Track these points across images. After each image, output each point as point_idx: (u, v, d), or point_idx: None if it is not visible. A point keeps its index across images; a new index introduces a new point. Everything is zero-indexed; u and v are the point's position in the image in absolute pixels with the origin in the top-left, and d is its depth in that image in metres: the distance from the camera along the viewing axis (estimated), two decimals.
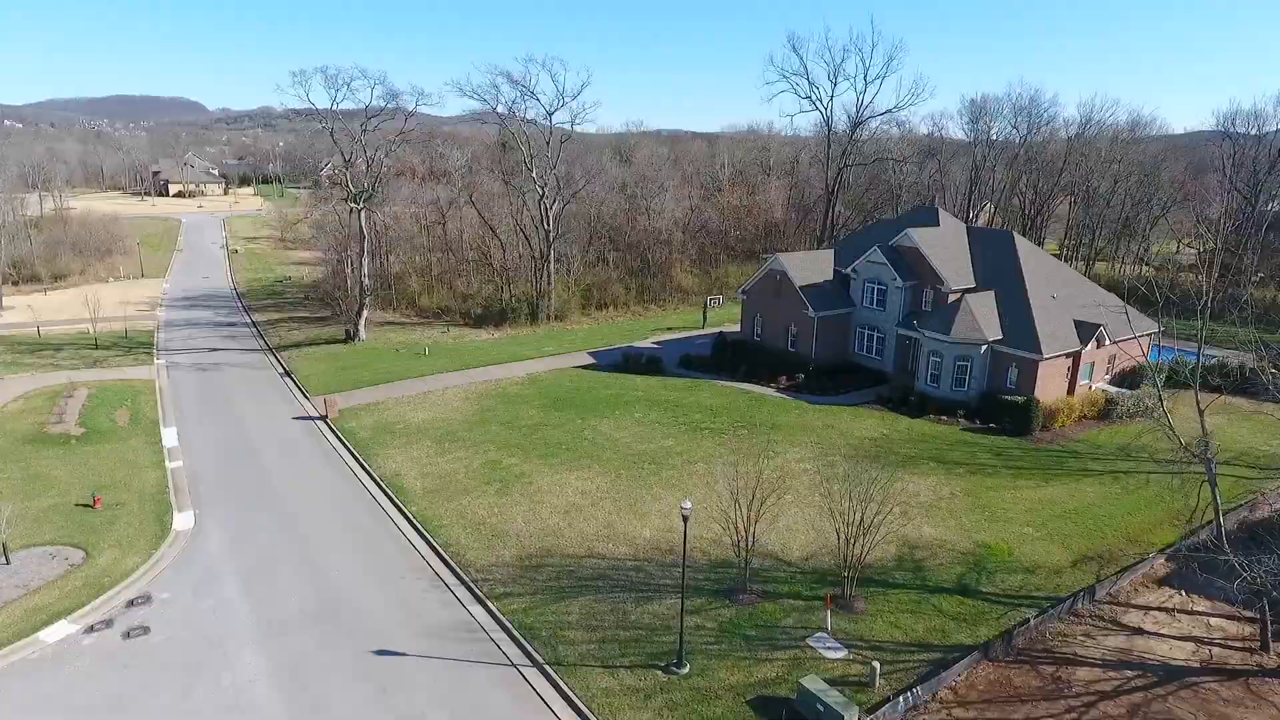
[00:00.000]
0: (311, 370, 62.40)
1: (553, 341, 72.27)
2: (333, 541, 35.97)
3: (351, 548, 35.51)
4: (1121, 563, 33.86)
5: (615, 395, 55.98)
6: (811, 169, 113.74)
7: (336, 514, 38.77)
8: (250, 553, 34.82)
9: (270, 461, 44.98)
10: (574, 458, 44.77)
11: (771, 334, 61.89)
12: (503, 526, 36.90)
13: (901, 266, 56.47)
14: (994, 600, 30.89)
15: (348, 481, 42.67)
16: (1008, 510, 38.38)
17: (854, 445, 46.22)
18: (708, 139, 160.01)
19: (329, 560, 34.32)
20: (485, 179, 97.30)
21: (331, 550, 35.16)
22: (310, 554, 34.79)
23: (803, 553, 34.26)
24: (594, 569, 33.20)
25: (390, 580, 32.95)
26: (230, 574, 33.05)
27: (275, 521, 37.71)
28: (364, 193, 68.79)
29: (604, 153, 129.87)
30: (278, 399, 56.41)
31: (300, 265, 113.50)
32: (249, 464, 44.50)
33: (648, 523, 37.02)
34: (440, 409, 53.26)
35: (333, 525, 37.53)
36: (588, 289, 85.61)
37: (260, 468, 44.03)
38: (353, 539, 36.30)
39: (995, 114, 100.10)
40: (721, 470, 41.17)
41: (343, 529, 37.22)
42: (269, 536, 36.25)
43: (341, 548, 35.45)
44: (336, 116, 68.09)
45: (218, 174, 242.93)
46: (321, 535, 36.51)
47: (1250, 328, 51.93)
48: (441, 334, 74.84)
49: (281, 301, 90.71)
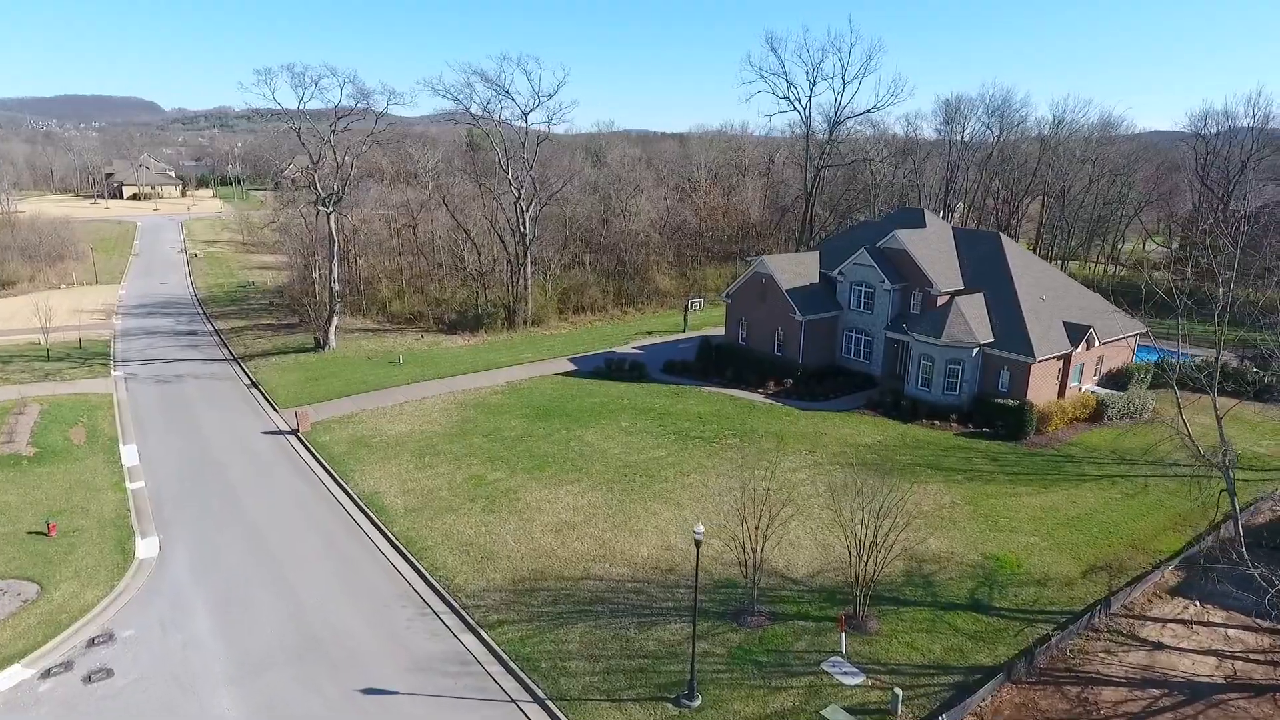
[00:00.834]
0: (280, 381, 59.75)
1: (531, 347, 70.33)
2: (310, 567, 33.81)
3: (330, 573, 33.39)
4: (1131, 572, 33.10)
5: (600, 403, 54.29)
6: (787, 169, 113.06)
7: (313, 536, 36.57)
8: (221, 581, 32.53)
9: (239, 480, 42.52)
10: (562, 471, 43.01)
11: (758, 338, 60.67)
12: (492, 547, 35.03)
13: (889, 269, 55.61)
14: (1009, 616, 29.85)
15: (323, 500, 40.43)
16: (1011, 519, 37.49)
17: (849, 453, 45.10)
18: (679, 139, 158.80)
19: (307, 588, 32.18)
20: (458, 180, 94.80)
21: (309, 577, 33.01)
22: (286, 581, 32.60)
23: (809, 569, 32.95)
24: (592, 592, 31.52)
25: (374, 609, 30.93)
26: (200, 606, 30.76)
27: (247, 546, 35.42)
28: (333, 195, 66.18)
29: (576, 153, 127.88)
30: (245, 412, 53.77)
31: (264, 270, 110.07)
32: (216, 483, 42.01)
33: (644, 540, 35.42)
34: (418, 420, 51.11)
35: (309, 549, 35.34)
36: (565, 293, 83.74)
37: (229, 487, 41.57)
38: (331, 564, 34.17)
39: (969, 114, 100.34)
40: (718, 484, 39.87)
41: (320, 553, 35.06)
42: (241, 563, 33.97)
43: (320, 573, 33.31)
44: (304, 117, 65.37)
45: (174, 176, 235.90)
46: (297, 560, 34.32)
47: (1254, 327, 51.74)
48: (415, 341, 72.47)
49: (245, 308, 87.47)
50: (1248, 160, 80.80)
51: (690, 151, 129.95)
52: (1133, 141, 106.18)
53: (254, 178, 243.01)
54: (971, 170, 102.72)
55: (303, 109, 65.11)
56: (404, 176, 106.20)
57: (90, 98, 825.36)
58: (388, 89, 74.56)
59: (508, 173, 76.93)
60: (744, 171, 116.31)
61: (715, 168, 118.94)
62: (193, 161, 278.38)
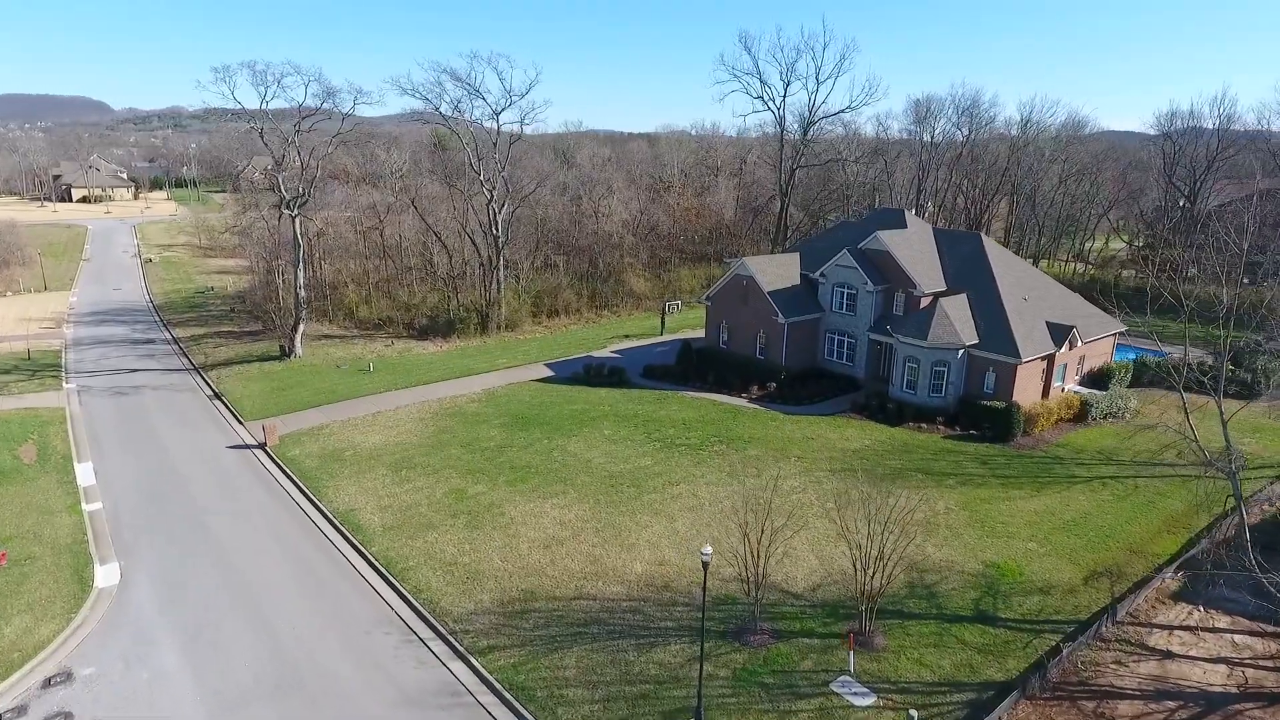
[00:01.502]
0: (245, 391, 57.29)
1: (506, 353, 68.58)
2: (285, 592, 31.94)
3: (307, 598, 31.56)
4: (1131, 577, 32.68)
5: (580, 410, 52.85)
6: (759, 169, 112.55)
7: (286, 558, 34.65)
8: (189, 611, 30.52)
9: (205, 499, 40.31)
10: (545, 482, 41.53)
11: (739, 341, 59.72)
12: (477, 566, 33.46)
13: (872, 270, 55.02)
14: (1016, 627, 29.15)
15: (296, 519, 38.44)
16: (1007, 524, 36.93)
17: (839, 459, 44.30)
18: (649, 139, 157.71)
19: (282, 615, 30.33)
20: (426, 181, 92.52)
21: (284, 603, 31.14)
22: (260, 608, 30.71)
23: (808, 582, 31.94)
24: (586, 612, 30.15)
25: (355, 636, 29.21)
26: (167, 638, 28.76)
27: (216, 571, 33.39)
28: (298, 198, 63.74)
29: (544, 153, 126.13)
30: (208, 425, 51.33)
31: (223, 274, 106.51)
32: (180, 503, 39.76)
33: (637, 555, 34.13)
34: (393, 431, 49.20)
35: (283, 572, 33.43)
36: (538, 296, 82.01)
37: (194, 507, 39.35)
38: (307, 588, 32.32)
39: (938, 114, 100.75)
40: (708, 493, 38.74)
41: (295, 576, 33.18)
42: (209, 590, 31.95)
43: (295, 599, 31.46)
44: (266, 116, 62.77)
45: (126, 177, 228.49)
46: (271, 585, 32.40)
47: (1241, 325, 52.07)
48: (385, 347, 70.26)
49: (205, 314, 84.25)
50: (1214, 160, 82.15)
51: (660, 151, 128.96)
52: (1100, 141, 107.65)
53: (211, 179, 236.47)
54: (941, 170, 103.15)
55: (265, 108, 62.68)
56: (370, 178, 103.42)
57: (36, 96, 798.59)
58: (354, 87, 72.13)
59: (479, 173, 75.02)
60: (716, 171, 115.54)
61: (686, 168, 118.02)
62: (145, 163, 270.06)
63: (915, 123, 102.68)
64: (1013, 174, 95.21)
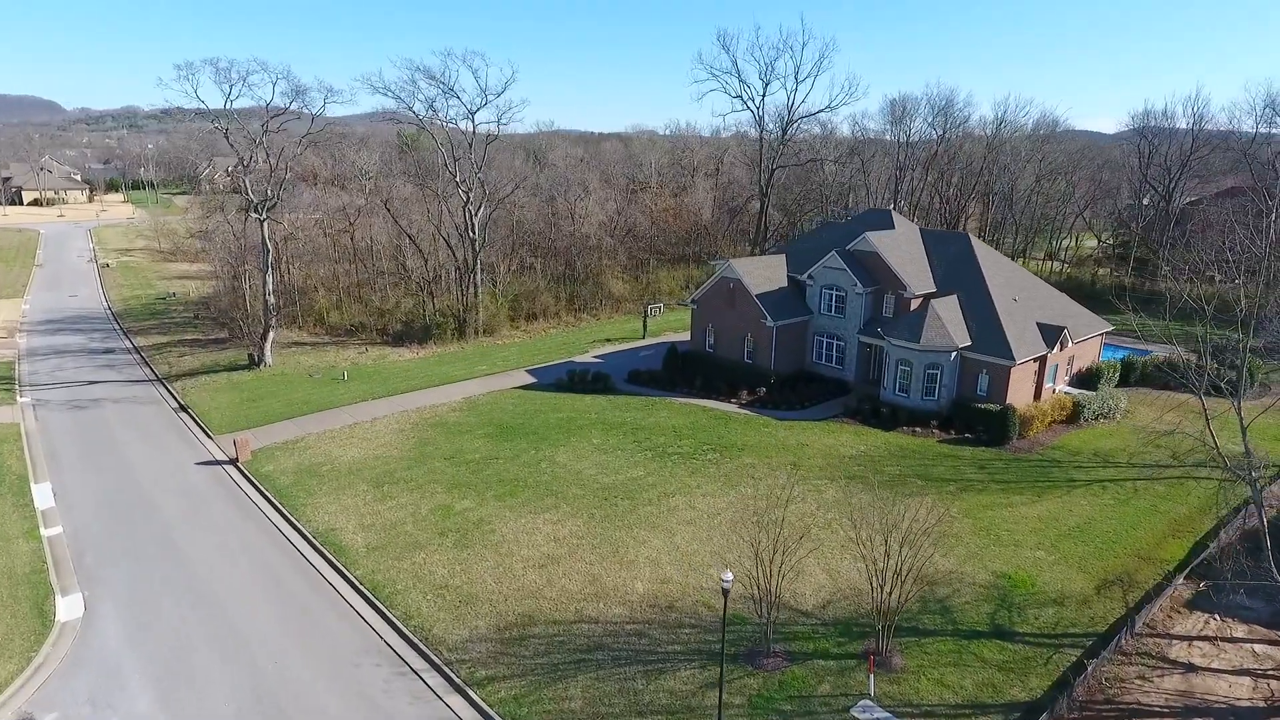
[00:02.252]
0: (213, 403, 54.75)
1: (485, 359, 66.67)
2: (264, 621, 29.97)
3: (288, 628, 29.63)
4: (1143, 586, 32.05)
5: (566, 419, 51.26)
6: (735, 169, 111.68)
7: (264, 584, 32.62)
8: (161, 644, 28.43)
9: (174, 520, 38.01)
10: (535, 496, 39.90)
11: (726, 345, 58.53)
12: (470, 589, 31.76)
13: (860, 272, 54.20)
14: (1034, 642, 28.25)
15: (272, 541, 36.37)
16: (1012, 532, 36.15)
17: (836, 465, 43.29)
18: (623, 139, 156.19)
19: (262, 648, 28.38)
20: (398, 183, 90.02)
21: (264, 633, 29.19)
22: (238, 641, 28.73)
23: (818, 599, 30.77)
24: (588, 637, 28.64)
25: (342, 669, 27.38)
26: (137, 677, 26.67)
27: (188, 600, 31.28)
28: (266, 200, 61.21)
29: (516, 154, 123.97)
30: (175, 440, 48.81)
31: (185, 279, 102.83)
32: (147, 525, 37.42)
33: (637, 574, 32.68)
34: (372, 444, 47.18)
35: (261, 600, 31.42)
36: (515, 300, 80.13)
37: (162, 529, 37.06)
38: (288, 616, 30.37)
39: (914, 113, 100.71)
40: (705, 505, 37.30)
41: (275, 604, 31.19)
42: (182, 621, 29.86)
43: (276, 629, 29.52)
44: (232, 116, 60.08)
45: (80, 179, 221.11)
46: (249, 615, 30.40)
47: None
48: (359, 355, 67.94)
49: (167, 322, 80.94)
50: (1188, 159, 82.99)
51: (635, 151, 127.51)
52: (1076, 141, 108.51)
53: (170, 181, 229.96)
54: (916, 170, 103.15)
55: (230, 107, 60.04)
56: (339, 179, 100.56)
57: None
58: (324, 86, 69.24)
59: (455, 175, 72.96)
60: (692, 172, 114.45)
61: (661, 168, 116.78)
62: (100, 164, 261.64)
63: (891, 122, 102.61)
64: (988, 173, 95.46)
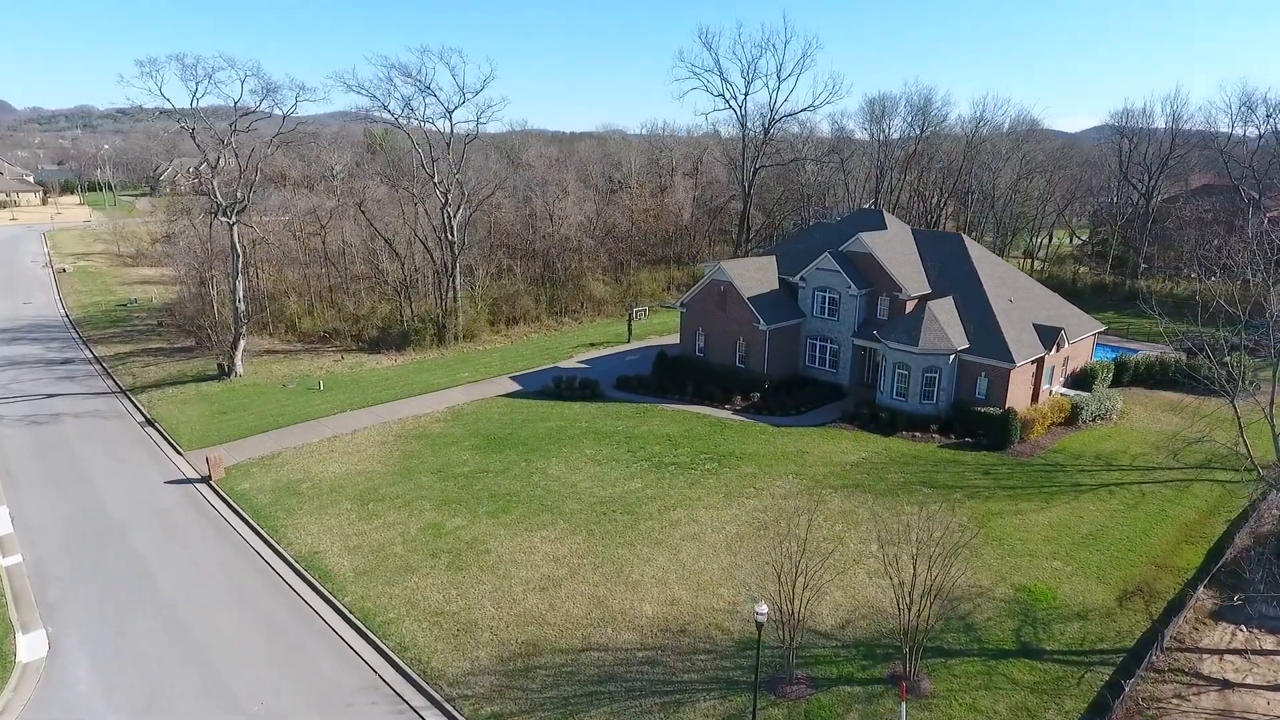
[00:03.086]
0: (182, 417, 52.06)
1: (466, 366, 64.57)
2: (247, 658, 27.86)
3: (274, 664, 27.57)
4: (1164, 596, 31.23)
5: (556, 428, 49.49)
6: (715, 168, 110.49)
7: (245, 614, 30.48)
8: (134, 686, 26.24)
9: (144, 546, 35.60)
10: (530, 512, 38.12)
11: (717, 349, 57.14)
12: (468, 615, 29.94)
13: (854, 273, 53.15)
14: (1064, 660, 27.19)
15: (253, 566, 34.17)
16: (1025, 541, 35.17)
17: (838, 474, 42.09)
18: (597, 139, 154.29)
19: (247, 685, 26.32)
20: (370, 184, 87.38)
21: (247, 672, 27.09)
22: (219, 680, 26.62)
23: (836, 618, 29.44)
24: (598, 666, 26.99)
25: (335, 709, 25.44)
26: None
27: (163, 634, 29.06)
28: (235, 204, 58.49)
29: (488, 154, 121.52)
30: (142, 457, 46.16)
31: (147, 284, 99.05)
32: (116, 552, 34.99)
33: (645, 595, 31.09)
34: (353, 458, 45.01)
35: (243, 633, 29.30)
36: (495, 304, 78.05)
37: (132, 556, 34.65)
38: (273, 651, 28.30)
39: (893, 112, 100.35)
40: (709, 518, 35.72)
41: (257, 637, 29.08)
42: (158, 659, 27.67)
43: (260, 664, 27.44)
44: (198, 115, 57.20)
45: (33, 181, 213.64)
46: (230, 648, 28.28)
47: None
48: (335, 362, 65.43)
49: (129, 330, 77.51)
50: (1167, 158, 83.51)
51: (611, 151, 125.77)
52: (1055, 140, 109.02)
53: (128, 183, 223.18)
54: (895, 169, 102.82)
55: (196, 106, 57.18)
56: (308, 180, 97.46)
57: None
58: (296, 83, 66.44)
59: (433, 175, 70.68)
60: (671, 171, 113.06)
61: (639, 167, 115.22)
62: (54, 165, 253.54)
63: (870, 121, 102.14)
64: (968, 172, 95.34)
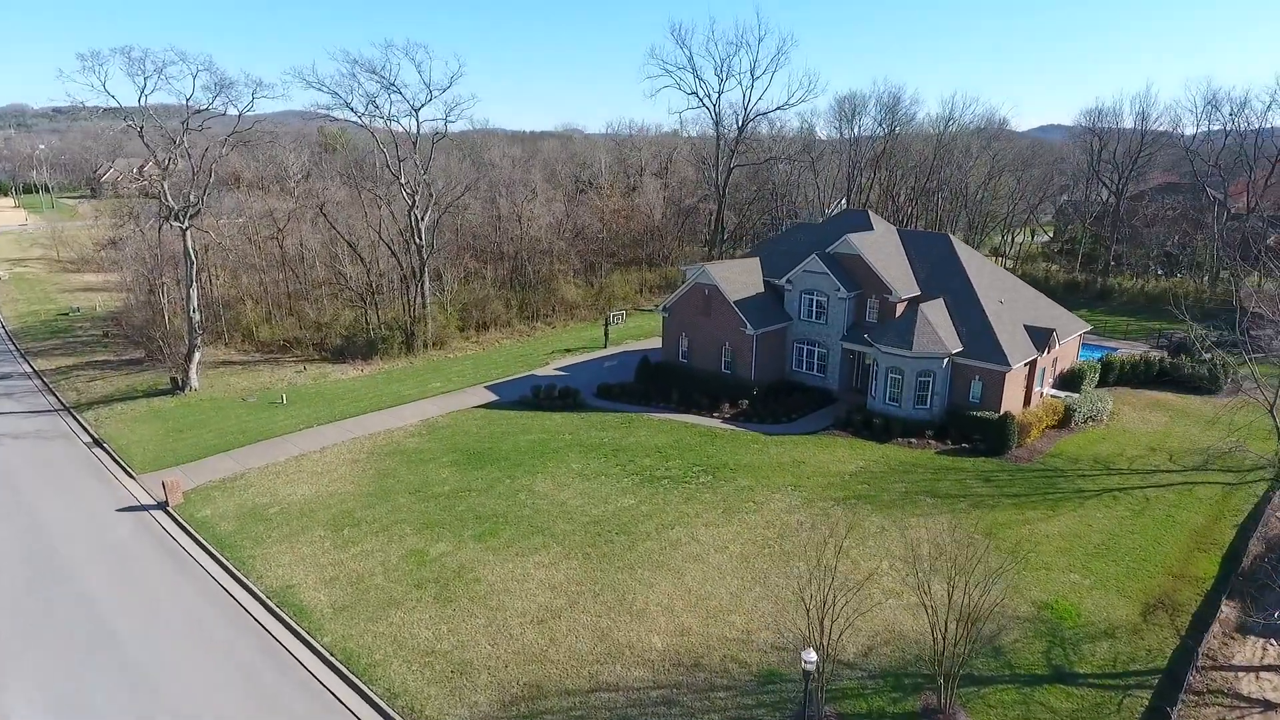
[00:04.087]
0: (133, 436, 48.50)
1: (438, 375, 61.75)
2: (220, 711, 25.12)
3: (250, 718, 24.89)
4: (1186, 609, 30.23)
5: (538, 441, 47.16)
6: (685, 168, 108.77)
7: (214, 663, 27.67)
8: None
9: (96, 585, 32.44)
10: (520, 535, 35.79)
11: (702, 355, 55.33)
12: (462, 654, 27.56)
13: (842, 275, 51.78)
14: (1099, 684, 25.88)
15: (219, 604, 31.28)
16: (1038, 553, 33.94)
17: (838, 484, 40.55)
18: (560, 138, 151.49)
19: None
20: (330, 185, 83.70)
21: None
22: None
23: (858, 645, 27.72)
24: (609, 709, 24.87)
25: None
26: None
27: (123, 689, 26.15)
28: (188, 207, 54.82)
29: (452, 154, 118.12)
30: (90, 483, 42.65)
31: (90, 292, 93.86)
32: (64, 594, 31.79)
33: (652, 625, 29.05)
34: (324, 478, 42.15)
35: (214, 685, 26.49)
36: (464, 309, 75.21)
37: (83, 598, 31.50)
38: (248, 703, 25.60)
39: (862, 111, 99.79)
40: (709, 537, 33.64)
41: (229, 687, 26.33)
42: (114, 717, 24.77)
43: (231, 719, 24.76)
44: (147, 113, 53.31)
45: None
46: (200, 702, 25.50)
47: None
48: (297, 374, 62.05)
49: (72, 341, 72.94)
50: (1138, 155, 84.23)
51: (577, 150, 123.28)
52: (1025, 139, 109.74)
53: (67, 185, 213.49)
54: (866, 169, 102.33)
55: (145, 104, 53.36)
56: (263, 182, 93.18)
57: None
58: (252, 79, 63.36)
59: (399, 176, 67.60)
60: (640, 171, 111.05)
61: (609, 166, 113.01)
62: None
63: (839, 119, 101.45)
64: (939, 170, 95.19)
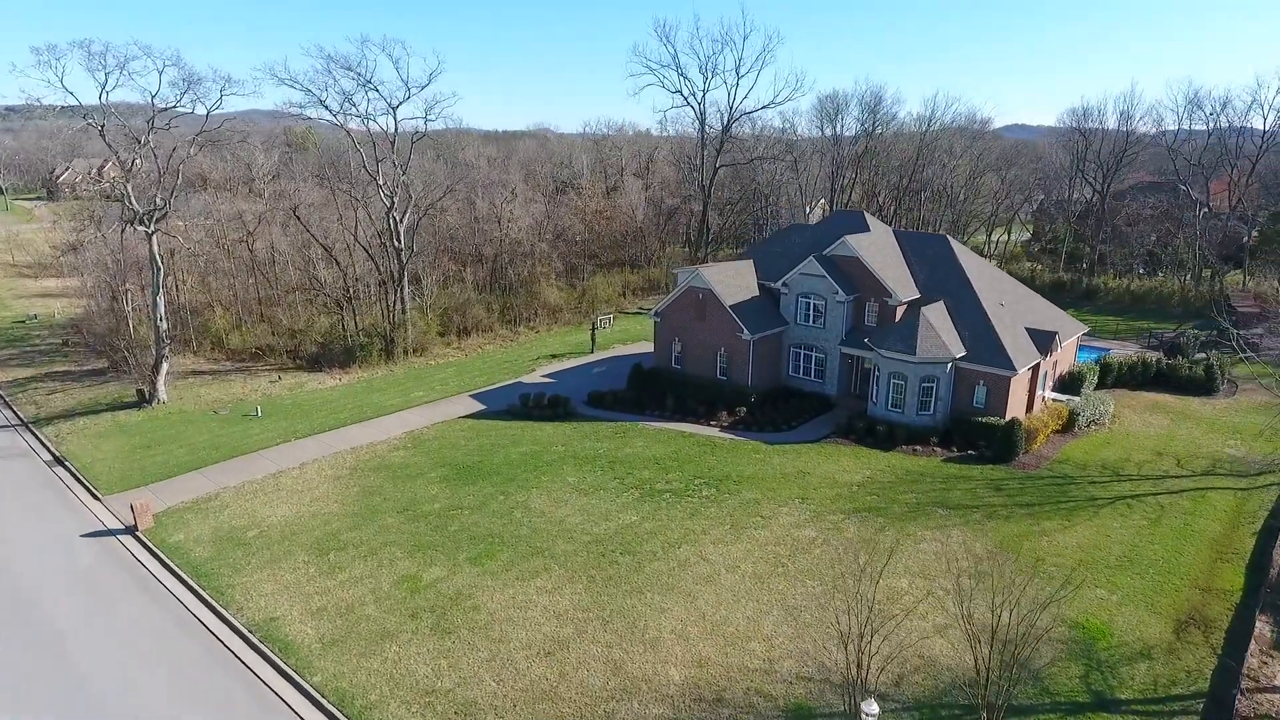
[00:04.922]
0: (97, 454, 45.67)
1: (420, 384, 59.41)
2: None
3: None
4: (1219, 625, 29.18)
5: (530, 453, 45.18)
6: (666, 168, 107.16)
7: (190, 703, 25.38)
8: None
9: (61, 620, 29.92)
10: (518, 557, 33.82)
11: (696, 361, 53.69)
12: (465, 693, 25.57)
13: (841, 278, 50.45)
14: (1143, 712, 24.65)
15: (197, 640, 28.93)
16: (1060, 567, 32.72)
17: (846, 496, 39.13)
18: (536, 137, 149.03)
19: None
20: (302, 186, 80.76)
21: None
22: None
23: (887, 675, 26.12)
24: None
25: None
26: None
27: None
28: (155, 211, 51.90)
29: (425, 153, 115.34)
30: (52, 505, 39.87)
31: (48, 298, 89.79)
32: (25, 628, 29.24)
33: (667, 655, 27.27)
34: (305, 497, 39.80)
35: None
36: (445, 313, 72.87)
37: (47, 634, 28.98)
38: None
39: (844, 111, 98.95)
40: (719, 555, 31.93)
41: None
42: None
43: None
44: (109, 111, 50.23)
45: None
46: None
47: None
48: (271, 384, 59.33)
49: (29, 350, 69.38)
50: (1122, 154, 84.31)
51: (555, 150, 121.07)
52: (1008, 139, 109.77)
53: (21, 186, 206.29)
54: (848, 168, 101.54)
55: (106, 101, 50.26)
56: (230, 183, 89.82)
57: None
58: (221, 75, 60.17)
59: (376, 177, 65.09)
60: (620, 171, 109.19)
61: (590, 166, 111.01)
62: None
63: (822, 119, 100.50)
64: (922, 170, 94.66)
